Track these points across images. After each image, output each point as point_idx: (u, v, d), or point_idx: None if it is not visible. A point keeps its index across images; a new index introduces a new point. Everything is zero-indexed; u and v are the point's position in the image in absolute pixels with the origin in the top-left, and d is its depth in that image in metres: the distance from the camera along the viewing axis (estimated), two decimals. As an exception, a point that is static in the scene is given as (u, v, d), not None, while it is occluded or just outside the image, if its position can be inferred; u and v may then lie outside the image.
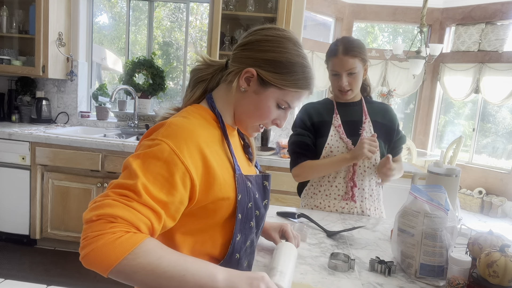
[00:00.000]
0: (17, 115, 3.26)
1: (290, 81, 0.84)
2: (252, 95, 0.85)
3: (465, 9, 5.60)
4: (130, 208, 0.67)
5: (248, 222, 0.87)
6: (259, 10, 2.96)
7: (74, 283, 2.39)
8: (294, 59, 0.84)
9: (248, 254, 0.92)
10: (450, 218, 0.98)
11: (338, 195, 1.54)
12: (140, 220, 0.68)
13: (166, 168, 0.72)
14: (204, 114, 0.87)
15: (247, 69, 0.83)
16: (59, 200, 2.75)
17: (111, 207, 0.66)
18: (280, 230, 1.10)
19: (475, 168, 5.70)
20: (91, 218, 0.66)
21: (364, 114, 1.56)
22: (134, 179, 0.69)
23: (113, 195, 0.68)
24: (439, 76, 5.92)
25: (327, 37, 6.25)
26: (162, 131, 0.76)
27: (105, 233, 0.64)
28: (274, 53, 0.83)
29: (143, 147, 0.75)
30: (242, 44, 0.87)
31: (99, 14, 5.43)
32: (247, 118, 0.89)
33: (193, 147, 0.76)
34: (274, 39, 0.84)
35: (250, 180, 0.89)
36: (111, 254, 0.63)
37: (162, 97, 3.51)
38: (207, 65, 0.92)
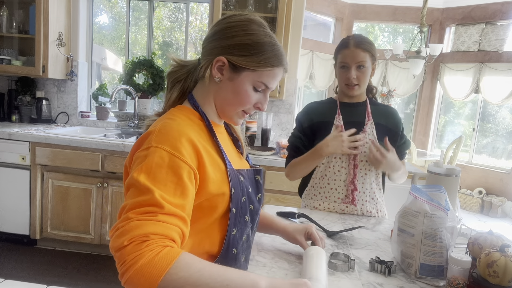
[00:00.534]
0: (17, 115, 3.26)
1: (261, 61, 0.84)
2: (228, 83, 0.86)
3: (465, 9, 5.60)
4: (158, 222, 0.67)
5: (243, 216, 0.87)
6: (259, 10, 2.96)
7: (74, 283, 2.39)
8: (260, 39, 0.84)
9: (245, 249, 0.93)
10: (450, 218, 0.98)
11: (338, 198, 1.53)
12: (172, 230, 0.68)
13: (172, 173, 0.73)
14: (189, 114, 0.88)
15: (217, 58, 0.84)
16: (59, 200, 2.75)
17: (139, 227, 0.65)
18: (305, 232, 1.09)
19: (475, 168, 5.70)
20: (122, 243, 0.65)
21: (367, 115, 1.54)
22: (149, 194, 0.69)
23: (136, 216, 0.67)
24: (439, 76, 5.92)
25: (327, 37, 6.25)
26: (154, 138, 0.76)
27: (143, 252, 0.63)
28: (240, 37, 0.84)
29: (140, 159, 0.75)
30: (208, 36, 0.89)
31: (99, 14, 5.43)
32: (228, 106, 0.89)
33: (186, 143, 0.77)
34: (237, 24, 0.85)
35: (242, 174, 0.89)
36: (153, 271, 0.62)
37: (162, 97, 3.51)
38: (180, 66, 0.93)
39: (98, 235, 2.75)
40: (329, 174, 1.52)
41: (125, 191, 0.76)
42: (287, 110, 3.15)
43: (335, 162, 1.51)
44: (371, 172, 1.52)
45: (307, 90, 6.55)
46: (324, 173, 1.54)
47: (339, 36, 6.05)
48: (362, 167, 1.51)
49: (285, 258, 1.08)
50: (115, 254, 0.66)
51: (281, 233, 1.11)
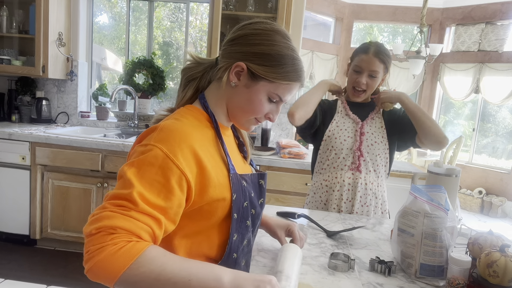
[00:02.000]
0: (17, 115, 3.26)
1: (280, 74, 0.83)
2: (243, 89, 0.85)
3: (465, 9, 5.60)
4: (128, 218, 0.67)
5: (244, 221, 0.87)
6: (259, 10, 2.96)
7: (74, 283, 2.39)
8: (283, 52, 0.84)
9: (245, 253, 0.92)
10: (450, 218, 0.98)
11: (345, 165, 1.56)
12: (141, 228, 0.67)
13: (161, 174, 0.72)
14: (197, 114, 0.87)
15: (237, 63, 0.83)
16: (59, 200, 2.75)
17: (109, 219, 0.66)
18: (286, 229, 1.09)
19: (475, 168, 5.70)
20: (90, 231, 0.66)
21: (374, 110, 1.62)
22: (129, 188, 0.69)
23: (110, 207, 0.68)
24: (439, 76, 5.92)
25: (327, 37, 6.25)
26: (155, 136, 0.76)
27: (106, 245, 0.64)
28: (263, 46, 0.83)
29: (136, 154, 0.75)
30: (231, 39, 0.87)
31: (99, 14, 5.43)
32: (240, 113, 0.88)
33: (186, 150, 0.76)
34: (262, 32, 0.84)
35: (245, 179, 0.89)
36: (114, 265, 0.63)
37: (162, 97, 3.51)
38: (197, 63, 0.92)
39: (98, 235, 2.75)
40: (335, 145, 1.57)
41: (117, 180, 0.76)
42: (287, 110, 3.15)
43: (341, 133, 1.58)
44: (378, 144, 1.56)
45: (307, 90, 6.55)
46: (330, 145, 1.58)
47: (339, 36, 6.05)
48: (369, 137, 1.56)
49: (285, 258, 1.08)
50: (85, 240, 0.67)
51: (263, 225, 1.12)
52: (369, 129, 1.57)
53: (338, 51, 6.02)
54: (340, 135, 1.57)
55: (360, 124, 1.58)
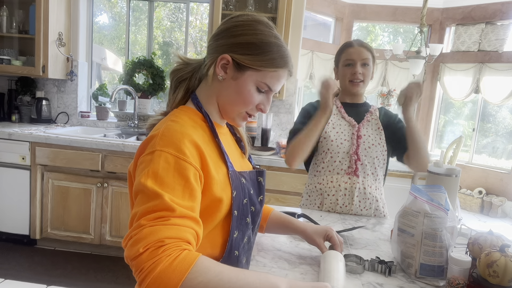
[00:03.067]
0: (17, 115, 3.26)
1: (266, 61, 0.83)
2: (231, 81, 0.85)
3: (465, 9, 5.60)
4: (171, 226, 0.66)
5: (244, 218, 0.87)
6: (259, 10, 2.96)
7: (74, 283, 2.39)
8: (267, 39, 0.84)
9: (246, 251, 0.93)
10: (450, 218, 0.98)
11: (341, 169, 1.54)
12: (186, 232, 0.68)
13: (179, 176, 0.72)
14: (191, 115, 0.87)
15: (221, 56, 0.84)
16: (59, 200, 2.75)
17: (153, 233, 0.64)
18: (325, 235, 1.06)
19: (475, 168, 5.70)
20: (138, 251, 0.63)
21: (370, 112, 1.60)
22: (158, 198, 0.68)
23: (148, 222, 0.66)
24: (439, 76, 5.92)
25: (327, 37, 6.25)
26: (158, 141, 0.75)
27: (160, 258, 0.62)
28: (246, 36, 0.83)
29: (145, 163, 0.74)
30: (215, 34, 0.88)
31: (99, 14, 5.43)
32: (230, 106, 0.88)
33: (190, 146, 0.76)
34: (244, 23, 0.85)
35: (244, 176, 0.89)
36: (171, 277, 0.62)
37: (162, 97, 3.51)
38: (185, 64, 0.92)
39: (98, 235, 2.75)
40: (332, 148, 1.55)
41: (133, 198, 0.74)
42: (287, 110, 3.15)
43: (337, 136, 1.55)
44: (376, 147, 1.54)
45: (307, 90, 6.55)
46: (326, 147, 1.56)
47: (339, 36, 6.05)
48: (365, 140, 1.54)
49: (285, 258, 1.08)
50: (132, 263, 0.65)
51: (300, 233, 1.10)
52: (365, 132, 1.56)
53: (338, 51, 6.02)
54: (337, 138, 1.55)
55: (356, 127, 1.55)
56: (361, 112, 1.60)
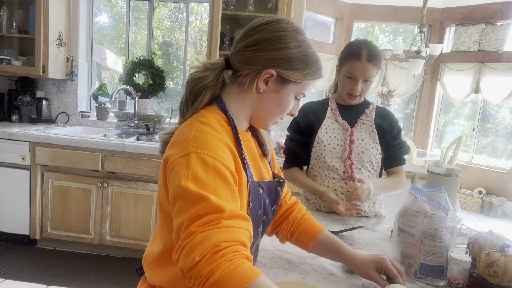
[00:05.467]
0: (17, 115, 3.26)
1: (308, 75, 0.85)
2: (272, 94, 0.85)
3: (465, 9, 5.60)
4: (223, 228, 0.63)
5: (256, 228, 0.86)
6: (259, 10, 2.96)
7: (74, 283, 2.39)
8: (308, 51, 0.84)
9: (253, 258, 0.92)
10: (450, 218, 0.98)
11: (337, 175, 1.53)
12: (240, 233, 0.65)
13: (219, 177, 0.70)
14: (218, 117, 0.84)
15: (266, 71, 0.81)
16: (59, 200, 2.75)
17: (207, 239, 0.62)
18: (378, 266, 0.91)
19: (475, 168, 5.70)
20: (194, 260, 0.61)
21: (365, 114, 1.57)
22: (203, 201, 0.65)
23: (199, 228, 0.63)
24: (439, 76, 5.92)
25: (327, 37, 6.25)
26: (192, 143, 0.73)
27: (219, 263, 0.60)
28: (289, 49, 0.82)
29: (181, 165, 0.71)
30: (251, 43, 0.83)
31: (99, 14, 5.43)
32: (267, 116, 0.89)
33: (225, 148, 0.76)
34: (285, 35, 0.82)
35: (262, 187, 0.88)
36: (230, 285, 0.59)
37: (162, 97, 3.51)
38: (208, 70, 0.86)
39: (98, 235, 2.75)
40: (325, 153, 1.53)
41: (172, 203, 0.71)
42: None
43: (330, 140, 1.53)
44: (369, 151, 1.52)
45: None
46: (319, 152, 1.55)
47: (339, 36, 6.05)
48: (359, 145, 1.52)
49: (285, 258, 1.08)
50: (189, 274, 0.62)
51: (349, 263, 0.97)
52: (359, 135, 1.53)
53: (338, 51, 6.02)
54: (330, 143, 1.53)
55: (349, 131, 1.53)
56: (357, 114, 1.57)
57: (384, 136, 1.56)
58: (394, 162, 1.60)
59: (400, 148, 1.60)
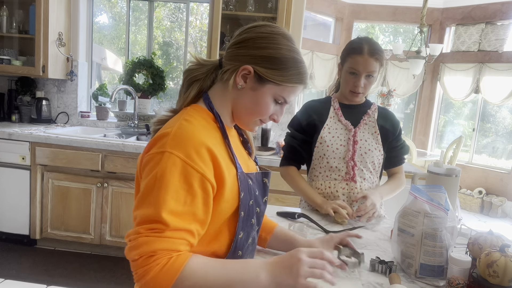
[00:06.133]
0: (17, 115, 3.26)
1: (286, 76, 0.85)
2: (249, 91, 0.86)
3: (465, 9, 5.60)
4: (164, 239, 0.71)
5: (250, 219, 0.88)
6: (259, 10, 2.96)
7: (74, 283, 2.39)
8: (289, 55, 0.85)
9: (250, 251, 0.94)
10: (450, 218, 0.98)
11: (339, 175, 1.53)
12: (178, 244, 0.72)
13: (183, 180, 0.74)
14: (204, 115, 0.87)
15: (244, 66, 0.84)
16: (59, 200, 2.75)
17: (147, 244, 0.70)
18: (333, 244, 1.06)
19: (475, 168, 5.70)
20: (133, 258, 0.71)
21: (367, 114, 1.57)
22: (157, 208, 0.71)
23: (144, 231, 0.71)
24: (439, 76, 5.92)
25: (327, 37, 6.25)
26: (169, 141, 0.76)
27: (150, 266, 0.69)
28: (269, 49, 0.84)
29: (153, 162, 0.76)
30: (237, 42, 0.87)
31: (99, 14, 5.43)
32: (245, 114, 0.89)
33: (203, 151, 0.77)
34: (268, 36, 0.85)
35: (251, 178, 0.90)
36: (162, 284, 0.69)
37: (162, 97, 3.51)
38: (201, 65, 0.92)
39: (98, 235, 2.75)
40: (327, 153, 1.53)
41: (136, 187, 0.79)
42: (287, 110, 3.15)
43: (333, 140, 1.53)
44: (372, 152, 1.52)
45: (307, 90, 6.55)
46: (322, 152, 1.54)
47: (339, 36, 6.05)
48: (362, 145, 1.52)
49: (285, 258, 1.08)
50: (130, 263, 0.72)
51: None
52: (362, 136, 1.52)
53: (338, 51, 6.02)
54: (332, 143, 1.52)
55: (352, 132, 1.52)
56: (359, 114, 1.56)
57: (387, 137, 1.56)
58: (395, 162, 1.62)
59: (401, 148, 1.61)
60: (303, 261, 0.75)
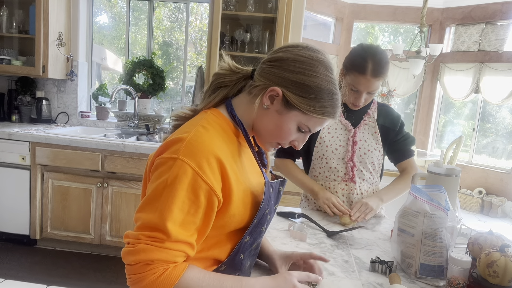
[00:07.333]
0: (17, 115, 3.26)
1: (316, 107, 0.80)
2: (274, 113, 0.83)
3: (465, 9, 5.60)
4: (163, 249, 0.70)
5: (260, 226, 0.87)
6: (259, 10, 2.96)
7: (74, 283, 2.39)
8: (323, 85, 0.80)
9: (252, 256, 0.93)
10: (450, 218, 0.98)
11: (338, 176, 1.53)
12: (176, 256, 0.72)
13: (191, 190, 0.73)
14: (223, 124, 0.85)
15: (272, 88, 0.80)
16: (59, 200, 2.75)
17: (145, 252, 0.70)
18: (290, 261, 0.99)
19: (475, 168, 5.70)
20: (130, 262, 0.71)
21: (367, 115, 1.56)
22: (162, 217, 0.71)
23: (144, 239, 0.71)
24: (439, 76, 5.92)
25: (327, 37, 6.25)
26: (183, 148, 0.74)
27: (146, 274, 0.69)
28: (303, 75, 0.79)
29: (165, 167, 0.74)
30: (273, 59, 0.83)
31: (99, 14, 5.43)
32: (265, 134, 0.87)
33: (214, 163, 0.75)
34: (305, 60, 0.80)
35: (272, 187, 0.88)
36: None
37: (162, 97, 3.51)
38: (232, 71, 0.89)
39: (98, 235, 2.75)
40: (326, 154, 1.53)
41: (143, 187, 0.79)
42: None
43: (332, 141, 1.52)
44: (371, 152, 1.51)
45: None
46: (321, 152, 1.54)
47: (339, 36, 6.05)
48: (361, 146, 1.51)
49: (285, 258, 1.08)
50: (126, 266, 0.73)
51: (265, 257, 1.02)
52: (362, 136, 1.52)
53: (338, 51, 6.02)
54: (332, 143, 1.52)
55: (352, 132, 1.51)
56: (360, 114, 1.55)
57: (388, 135, 1.55)
58: (402, 156, 1.57)
59: (404, 140, 1.56)
60: (297, 287, 0.79)
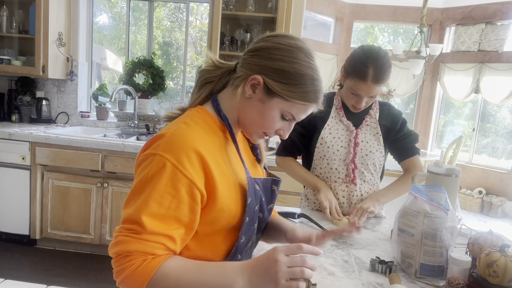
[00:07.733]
0: (17, 115, 3.26)
1: (297, 93, 0.81)
2: (257, 102, 0.83)
3: (465, 9, 5.60)
4: (141, 241, 0.71)
5: (253, 224, 0.87)
6: (259, 10, 2.96)
7: (74, 283, 2.39)
8: (303, 71, 0.81)
9: (248, 255, 0.93)
10: (450, 218, 0.98)
11: (339, 178, 1.52)
12: (154, 248, 0.72)
13: (171, 185, 0.73)
14: (208, 119, 0.86)
15: (253, 76, 0.81)
16: (59, 200, 2.75)
17: (124, 244, 0.71)
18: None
19: (475, 168, 5.70)
20: (112, 255, 0.73)
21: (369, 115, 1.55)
22: (139, 210, 0.72)
23: (123, 231, 0.73)
24: (439, 76, 5.92)
25: (327, 37, 6.25)
26: (163, 144, 0.75)
27: (125, 266, 0.70)
28: (283, 62, 0.80)
29: (146, 163, 0.76)
30: (253, 49, 0.85)
31: (99, 14, 5.43)
32: (250, 125, 0.87)
33: (194, 157, 0.75)
34: (285, 48, 0.81)
35: (258, 183, 0.88)
36: (134, 285, 0.70)
37: (162, 97, 3.51)
38: (216, 67, 0.90)
39: (98, 235, 2.75)
40: (328, 154, 1.52)
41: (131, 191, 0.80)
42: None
43: (334, 141, 1.51)
44: (373, 153, 1.50)
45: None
46: (323, 153, 1.53)
47: (339, 36, 6.05)
48: (363, 147, 1.50)
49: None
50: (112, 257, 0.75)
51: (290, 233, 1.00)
52: (363, 137, 1.50)
53: (338, 51, 6.02)
54: (333, 144, 1.51)
55: (354, 133, 1.50)
56: (361, 114, 1.54)
57: (389, 134, 1.54)
58: (404, 154, 1.55)
59: (406, 138, 1.54)
60: (280, 262, 0.70)
